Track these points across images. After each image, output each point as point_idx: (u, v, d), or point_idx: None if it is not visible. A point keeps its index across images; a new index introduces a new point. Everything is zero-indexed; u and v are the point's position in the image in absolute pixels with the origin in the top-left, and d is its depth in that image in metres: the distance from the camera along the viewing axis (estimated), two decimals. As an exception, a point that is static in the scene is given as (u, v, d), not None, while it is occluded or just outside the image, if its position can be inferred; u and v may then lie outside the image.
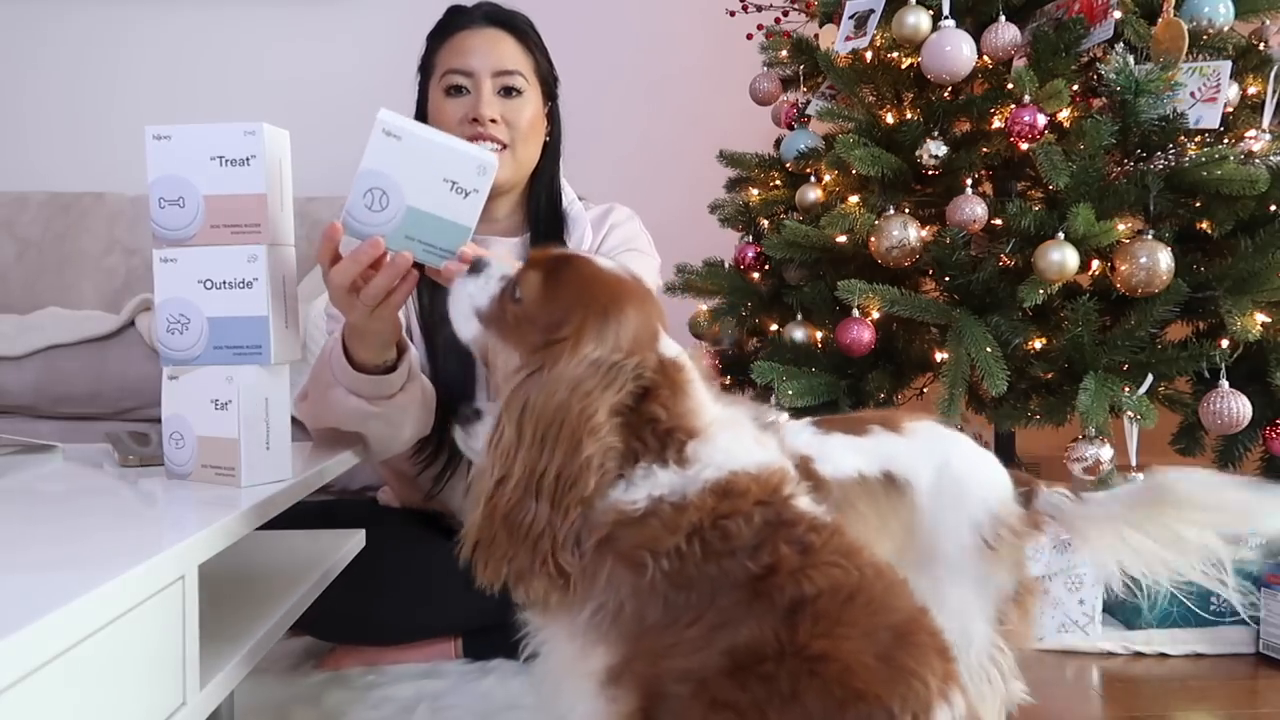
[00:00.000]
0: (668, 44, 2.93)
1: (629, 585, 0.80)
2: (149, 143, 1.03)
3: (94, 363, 2.12)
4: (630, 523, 0.82)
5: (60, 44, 2.95)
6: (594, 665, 0.81)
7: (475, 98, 1.49)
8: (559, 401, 0.83)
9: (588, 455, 0.82)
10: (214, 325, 1.03)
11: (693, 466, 0.84)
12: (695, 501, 0.82)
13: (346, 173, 1.06)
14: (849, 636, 0.75)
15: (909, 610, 0.80)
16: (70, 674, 0.64)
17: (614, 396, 0.84)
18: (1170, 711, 1.44)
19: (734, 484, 0.83)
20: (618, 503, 0.83)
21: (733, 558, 0.79)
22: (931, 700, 0.74)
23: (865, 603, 0.78)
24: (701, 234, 2.30)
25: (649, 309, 0.91)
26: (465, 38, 1.53)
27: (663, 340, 0.90)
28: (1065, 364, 1.76)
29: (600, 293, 0.88)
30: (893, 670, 0.74)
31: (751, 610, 0.77)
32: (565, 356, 0.84)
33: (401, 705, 1.38)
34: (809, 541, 0.81)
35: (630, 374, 0.85)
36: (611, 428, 0.83)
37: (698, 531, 0.81)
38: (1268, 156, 1.69)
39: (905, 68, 1.98)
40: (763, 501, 0.83)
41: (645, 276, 0.98)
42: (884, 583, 0.81)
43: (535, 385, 0.84)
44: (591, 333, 0.85)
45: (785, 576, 0.78)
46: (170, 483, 1.06)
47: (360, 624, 1.52)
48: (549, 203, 1.62)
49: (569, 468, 0.82)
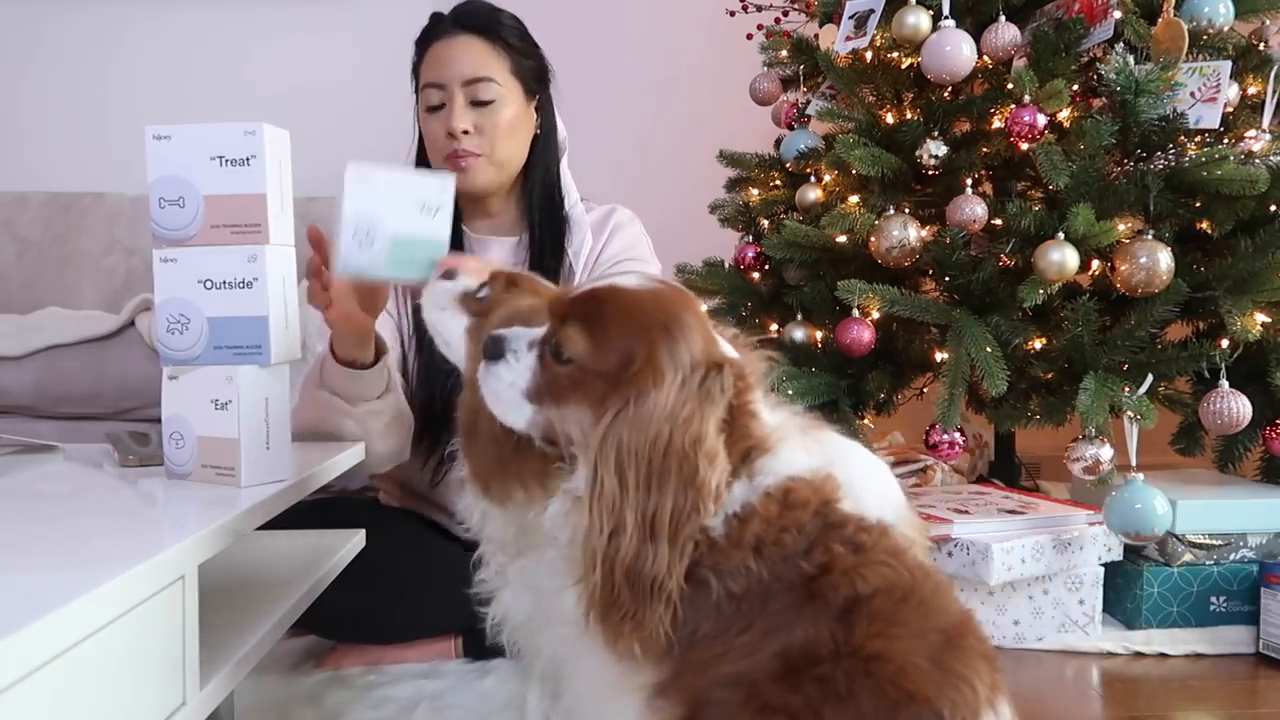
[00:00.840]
0: (668, 44, 2.93)
1: (692, 605, 0.77)
2: (149, 143, 1.03)
3: (94, 363, 2.12)
4: (712, 547, 0.78)
5: (59, 44, 2.95)
6: (641, 680, 0.79)
7: (449, 111, 1.53)
8: (657, 434, 0.77)
9: (705, 480, 0.77)
10: (214, 325, 1.03)
11: (759, 478, 0.81)
12: (760, 511, 0.79)
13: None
14: (902, 637, 0.74)
15: (957, 613, 0.80)
16: (70, 674, 0.64)
17: (717, 412, 0.79)
18: (1170, 711, 1.44)
19: (794, 492, 0.80)
20: (705, 529, 0.78)
21: (785, 563, 0.78)
22: (980, 707, 0.73)
23: (918, 603, 0.77)
24: (701, 234, 2.30)
25: (700, 311, 0.86)
26: (439, 49, 1.56)
27: (723, 344, 0.86)
28: (1065, 364, 1.76)
29: (652, 314, 0.83)
30: (943, 673, 0.73)
31: (804, 612, 0.76)
32: (650, 387, 0.78)
33: (401, 705, 1.38)
34: (861, 541, 0.79)
35: (724, 384, 0.80)
36: (723, 448, 0.79)
37: (762, 545, 0.78)
38: (1268, 156, 1.69)
39: (905, 68, 1.98)
40: (818, 510, 0.81)
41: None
42: (932, 584, 0.80)
43: (624, 425, 0.78)
44: (665, 356, 0.79)
45: (839, 576, 0.77)
46: (170, 483, 1.06)
47: (361, 622, 1.52)
48: (545, 198, 1.62)
49: (683, 501, 0.76)
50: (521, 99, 1.58)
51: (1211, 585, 1.72)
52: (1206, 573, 1.72)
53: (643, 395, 0.78)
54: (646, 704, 0.78)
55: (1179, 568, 1.72)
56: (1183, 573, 1.72)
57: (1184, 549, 1.71)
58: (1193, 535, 1.71)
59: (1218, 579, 1.72)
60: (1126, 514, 1.61)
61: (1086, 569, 1.70)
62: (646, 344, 0.80)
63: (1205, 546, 1.72)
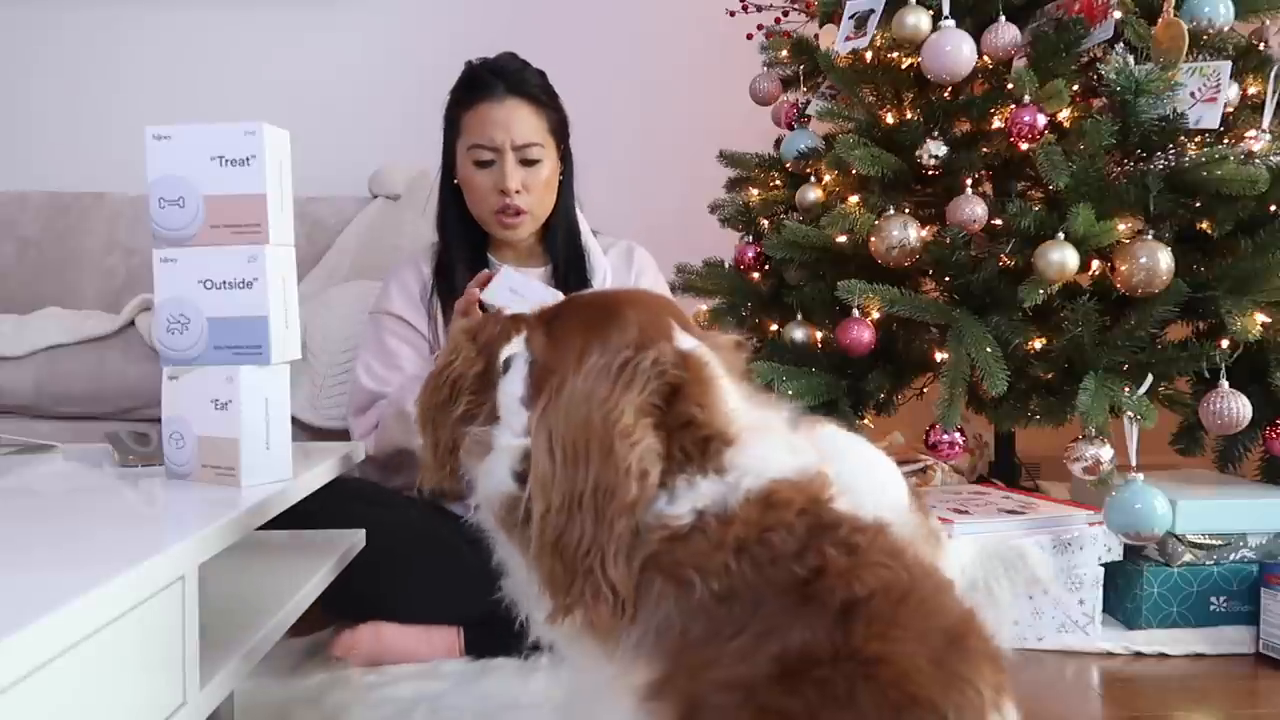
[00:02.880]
0: (668, 44, 2.93)
1: (676, 604, 0.78)
2: (149, 143, 1.03)
3: (94, 363, 2.12)
4: (677, 538, 0.79)
5: (60, 44, 2.95)
6: (634, 681, 0.79)
7: (500, 171, 1.68)
8: (580, 416, 0.80)
9: (622, 459, 0.78)
10: (214, 325, 1.03)
11: (731, 474, 0.81)
12: (740, 514, 0.79)
13: (346, 172, 1.08)
14: (903, 639, 0.73)
15: (959, 613, 0.78)
16: (71, 674, 0.64)
17: (637, 395, 0.81)
18: (1170, 711, 1.44)
19: (777, 494, 0.80)
20: (662, 516, 0.80)
21: (775, 566, 0.77)
22: (985, 710, 0.71)
23: (918, 604, 0.75)
24: (701, 234, 2.30)
25: (652, 306, 0.88)
26: (489, 109, 1.68)
27: (679, 335, 0.87)
28: (1065, 364, 1.76)
29: (594, 310, 0.88)
30: (947, 675, 0.71)
31: (800, 615, 0.75)
32: (572, 374, 0.82)
33: (401, 705, 1.38)
34: (855, 542, 0.78)
35: (648, 369, 0.82)
36: (644, 428, 0.80)
37: (744, 547, 0.78)
38: (1268, 156, 1.68)
39: (905, 68, 1.98)
40: (805, 509, 0.80)
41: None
42: (933, 583, 0.79)
43: (552, 410, 0.82)
44: (595, 344, 0.84)
45: (835, 578, 0.75)
46: (170, 483, 1.06)
47: (376, 600, 1.55)
48: (566, 233, 1.79)
49: (605, 477, 0.79)
50: (555, 153, 1.74)
51: (1211, 585, 1.72)
52: (1206, 573, 1.72)
53: (566, 381, 0.83)
54: (639, 706, 0.78)
55: (1179, 568, 1.72)
56: (1183, 573, 1.72)
57: (1184, 549, 1.71)
58: (1193, 535, 1.71)
59: (1218, 579, 1.72)
60: (1126, 514, 1.61)
61: (1086, 569, 1.70)
62: (583, 336, 0.86)
63: (1205, 546, 1.72)
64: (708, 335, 0.91)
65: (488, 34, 2.92)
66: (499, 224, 1.72)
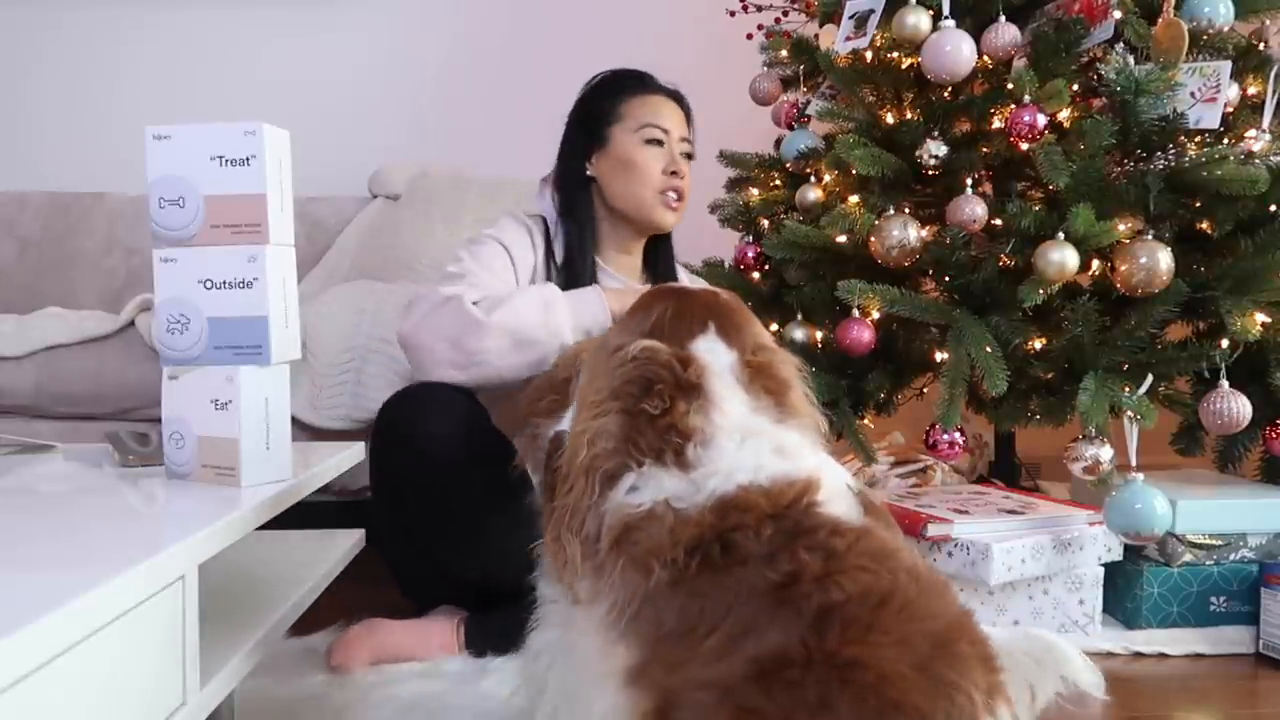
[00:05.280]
0: (668, 44, 2.92)
1: (638, 588, 0.80)
2: (149, 143, 1.03)
3: (94, 363, 2.12)
4: (636, 524, 0.83)
5: (60, 44, 2.95)
6: (615, 664, 0.81)
7: (669, 153, 1.74)
8: (580, 383, 0.95)
9: (580, 428, 0.88)
10: (214, 325, 1.03)
11: (696, 471, 0.84)
12: (696, 517, 0.81)
13: (346, 172, 1.08)
14: (883, 644, 0.72)
15: (949, 616, 0.76)
16: (71, 673, 0.64)
17: (604, 379, 0.88)
18: (1170, 711, 1.44)
19: (740, 498, 0.82)
20: (625, 503, 0.84)
21: (745, 567, 0.78)
22: (977, 715, 0.70)
23: (899, 608, 0.74)
24: (701, 234, 2.30)
25: (686, 305, 0.95)
26: (657, 102, 1.75)
27: (701, 339, 0.92)
28: (1065, 364, 1.76)
29: (645, 298, 1.00)
30: (933, 681, 0.70)
31: (775, 618, 0.75)
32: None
33: (401, 705, 1.38)
34: (832, 546, 0.78)
35: (625, 359, 0.88)
36: (609, 408, 0.86)
37: (699, 546, 0.80)
38: (1268, 156, 1.68)
39: (905, 68, 1.98)
40: (775, 514, 0.81)
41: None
42: (919, 587, 0.77)
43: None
44: (618, 329, 0.95)
45: (810, 583, 0.75)
46: (170, 483, 1.06)
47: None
48: (667, 259, 1.85)
49: (572, 443, 0.89)
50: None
51: (1211, 585, 1.72)
52: (1206, 573, 1.72)
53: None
54: (620, 690, 0.80)
55: (1179, 568, 1.72)
56: (1183, 573, 1.72)
57: (1184, 549, 1.71)
58: (1193, 535, 1.71)
59: (1218, 579, 1.72)
60: (1126, 514, 1.61)
61: (1086, 569, 1.70)
62: (621, 322, 1.01)
63: (1205, 546, 1.72)
64: (762, 349, 0.96)
65: (488, 34, 2.94)
66: (663, 203, 1.72)
